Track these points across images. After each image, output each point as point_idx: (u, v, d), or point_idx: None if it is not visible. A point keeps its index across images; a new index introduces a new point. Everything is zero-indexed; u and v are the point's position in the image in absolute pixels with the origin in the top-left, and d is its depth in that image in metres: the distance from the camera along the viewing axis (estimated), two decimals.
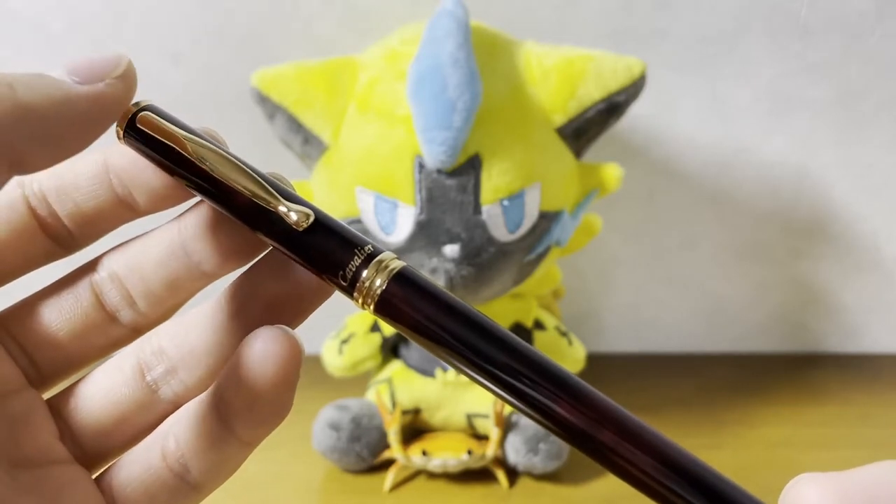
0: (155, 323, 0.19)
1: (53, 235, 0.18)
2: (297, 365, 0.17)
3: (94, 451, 0.19)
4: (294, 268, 0.18)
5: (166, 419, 0.19)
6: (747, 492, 0.15)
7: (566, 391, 0.16)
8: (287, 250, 0.17)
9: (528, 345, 0.17)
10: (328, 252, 0.17)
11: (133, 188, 0.18)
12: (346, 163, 0.41)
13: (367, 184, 0.40)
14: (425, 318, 0.16)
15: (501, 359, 0.16)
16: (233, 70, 0.49)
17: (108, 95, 0.16)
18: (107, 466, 0.19)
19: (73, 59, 0.16)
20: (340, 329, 0.48)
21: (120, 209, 0.18)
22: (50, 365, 0.18)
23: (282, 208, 0.17)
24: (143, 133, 0.17)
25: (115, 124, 0.17)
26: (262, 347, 0.17)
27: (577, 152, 0.42)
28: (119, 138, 0.18)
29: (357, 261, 0.17)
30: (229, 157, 0.18)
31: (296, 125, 0.41)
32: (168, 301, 0.19)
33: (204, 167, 0.17)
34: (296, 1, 0.49)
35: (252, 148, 0.52)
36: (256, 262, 0.19)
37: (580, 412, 0.16)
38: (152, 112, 0.17)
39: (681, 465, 0.16)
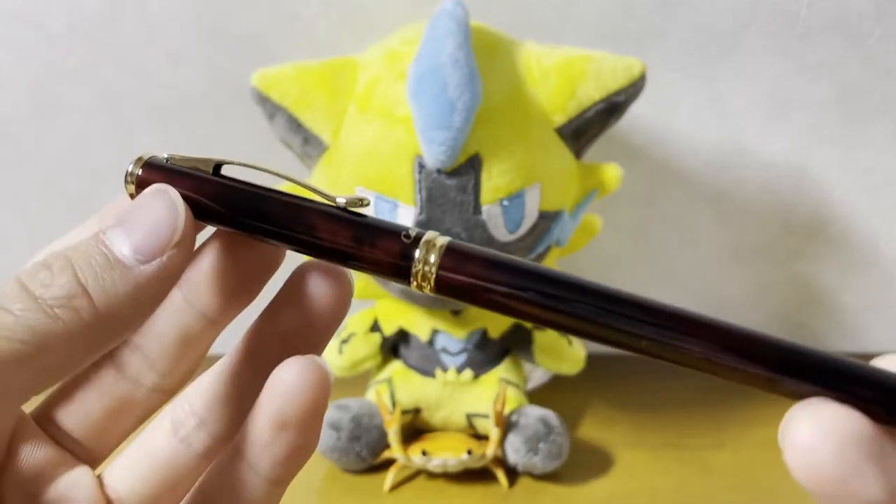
0: (179, 381, 0.20)
1: None
2: (327, 392, 0.17)
3: None
4: (304, 297, 0.18)
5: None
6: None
7: (649, 313, 0.16)
8: (344, 237, 0.17)
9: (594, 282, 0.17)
10: (387, 230, 0.17)
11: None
12: (346, 163, 0.41)
13: (367, 184, 0.40)
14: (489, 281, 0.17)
15: (571, 296, 0.16)
16: (233, 70, 0.49)
17: (171, 268, 0.16)
18: None
19: (135, 227, 0.16)
20: (340, 329, 0.48)
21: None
22: (95, 442, 0.19)
23: (340, 199, 0.18)
24: (166, 168, 0.18)
25: (126, 185, 0.18)
26: (292, 375, 0.17)
27: (577, 152, 0.42)
28: (131, 194, 0.18)
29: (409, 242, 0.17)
30: (272, 168, 0.18)
31: (296, 125, 0.41)
32: (184, 358, 0.19)
33: (249, 186, 0.18)
34: (296, 1, 0.49)
35: (252, 148, 0.52)
36: (268, 305, 0.19)
37: (659, 327, 0.16)
38: (155, 165, 0.18)
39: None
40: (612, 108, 0.41)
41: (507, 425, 0.45)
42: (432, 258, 0.17)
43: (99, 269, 0.15)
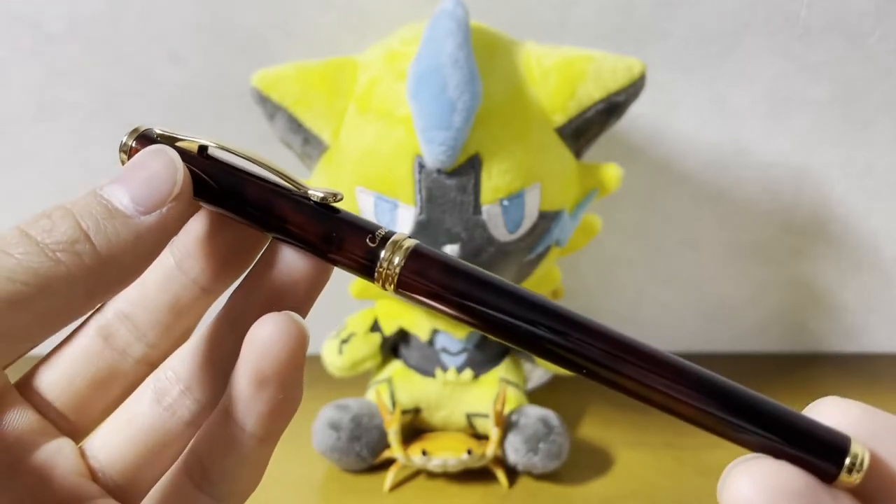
0: (165, 354, 0.20)
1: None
2: (303, 345, 0.17)
3: (127, 482, 0.19)
4: (285, 261, 0.18)
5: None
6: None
7: (594, 336, 0.17)
8: (313, 233, 0.18)
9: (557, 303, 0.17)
10: (356, 227, 0.18)
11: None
12: (346, 163, 0.41)
13: (367, 184, 0.40)
14: (446, 289, 0.17)
15: (521, 312, 0.17)
16: (233, 70, 0.49)
17: (170, 220, 0.17)
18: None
19: (134, 182, 0.16)
20: (340, 329, 0.48)
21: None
22: (77, 414, 0.19)
23: (311, 191, 0.18)
24: (158, 142, 0.18)
25: (120, 155, 0.18)
26: (267, 330, 0.17)
27: (577, 152, 0.42)
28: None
29: (374, 243, 0.17)
30: (255, 156, 0.18)
31: (296, 125, 0.41)
32: (175, 327, 0.19)
33: (228, 165, 0.18)
34: (296, 1, 0.49)
35: (252, 148, 0.52)
36: (250, 270, 0.19)
37: (600, 349, 0.17)
38: (150, 137, 0.18)
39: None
40: (612, 107, 0.41)
41: (507, 425, 0.45)
42: (397, 259, 0.17)
43: (100, 218, 0.16)
